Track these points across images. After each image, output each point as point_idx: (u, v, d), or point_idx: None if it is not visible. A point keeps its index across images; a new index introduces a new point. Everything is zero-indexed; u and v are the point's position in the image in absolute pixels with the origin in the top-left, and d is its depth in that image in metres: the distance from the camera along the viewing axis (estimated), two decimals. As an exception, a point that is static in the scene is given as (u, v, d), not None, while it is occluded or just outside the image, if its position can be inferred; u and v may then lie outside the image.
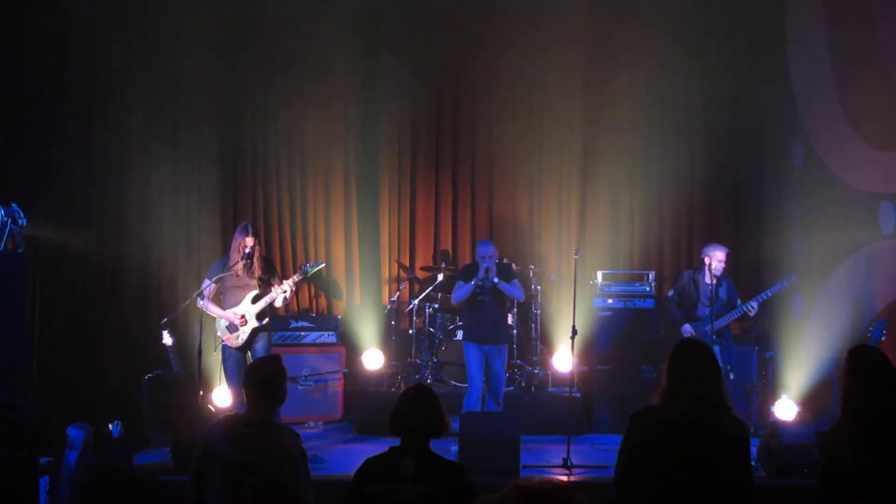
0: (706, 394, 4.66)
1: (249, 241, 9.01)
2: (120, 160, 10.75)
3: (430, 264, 11.87)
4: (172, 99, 11.12)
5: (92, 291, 10.66)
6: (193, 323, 9.54)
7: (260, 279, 9.10)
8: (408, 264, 11.84)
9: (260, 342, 9.11)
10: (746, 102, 11.50)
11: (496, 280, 9.18)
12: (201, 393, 9.04)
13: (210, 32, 10.93)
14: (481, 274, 9.18)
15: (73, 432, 7.56)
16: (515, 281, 9.44)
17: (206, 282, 9.05)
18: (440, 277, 11.11)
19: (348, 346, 11.10)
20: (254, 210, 11.48)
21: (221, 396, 9.45)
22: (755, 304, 9.44)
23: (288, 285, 9.05)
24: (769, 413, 9.67)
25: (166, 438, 8.82)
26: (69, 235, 10.39)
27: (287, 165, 11.68)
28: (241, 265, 9.00)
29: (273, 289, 9.06)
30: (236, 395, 8.85)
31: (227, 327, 9.03)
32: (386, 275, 11.99)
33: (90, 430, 7.65)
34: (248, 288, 9.07)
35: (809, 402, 9.44)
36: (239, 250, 9.00)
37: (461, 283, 9.42)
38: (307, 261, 11.29)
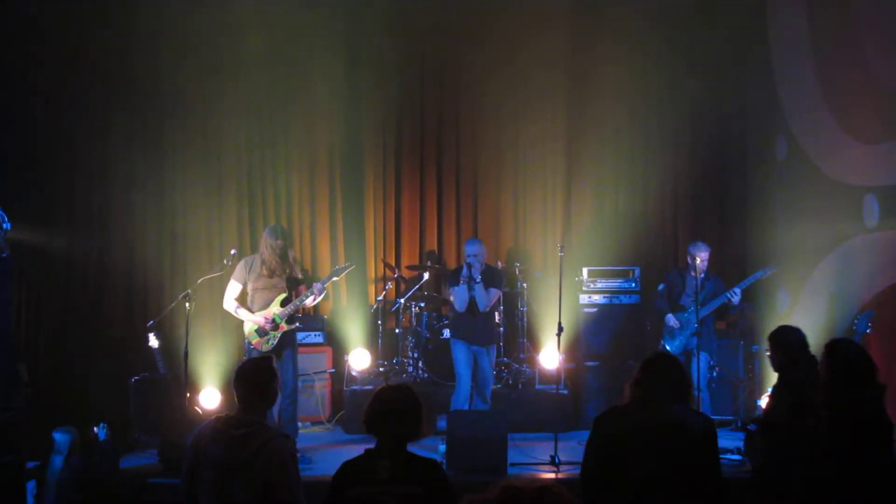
0: (674, 399, 4.74)
1: (280, 243, 8.95)
2: (103, 163, 10.72)
3: (416, 263, 11.86)
4: (155, 101, 11.02)
5: (77, 294, 10.64)
6: (180, 325, 9.49)
7: (289, 280, 9.01)
8: (393, 263, 11.82)
9: (289, 347, 8.98)
10: (730, 96, 11.52)
11: (478, 280, 9.17)
12: (188, 395, 9.00)
13: (192, 33, 10.83)
14: (465, 273, 9.18)
15: (59, 436, 7.56)
16: (493, 290, 9.41)
17: (234, 283, 9.04)
18: (426, 276, 11.12)
19: (335, 346, 11.11)
20: (238, 211, 11.40)
21: (208, 398, 9.44)
22: (738, 290, 9.46)
23: (318, 288, 8.94)
24: (755, 407, 9.71)
25: (153, 441, 8.80)
26: (54, 239, 10.36)
27: (272, 165, 11.62)
28: (268, 267, 8.93)
29: (303, 291, 8.99)
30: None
31: (256, 331, 8.87)
32: (372, 274, 11.98)
33: (76, 434, 7.65)
34: (276, 290, 8.94)
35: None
36: (268, 252, 8.93)
37: (455, 288, 9.39)
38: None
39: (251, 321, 8.89)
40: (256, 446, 4.77)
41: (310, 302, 9.03)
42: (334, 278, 9.30)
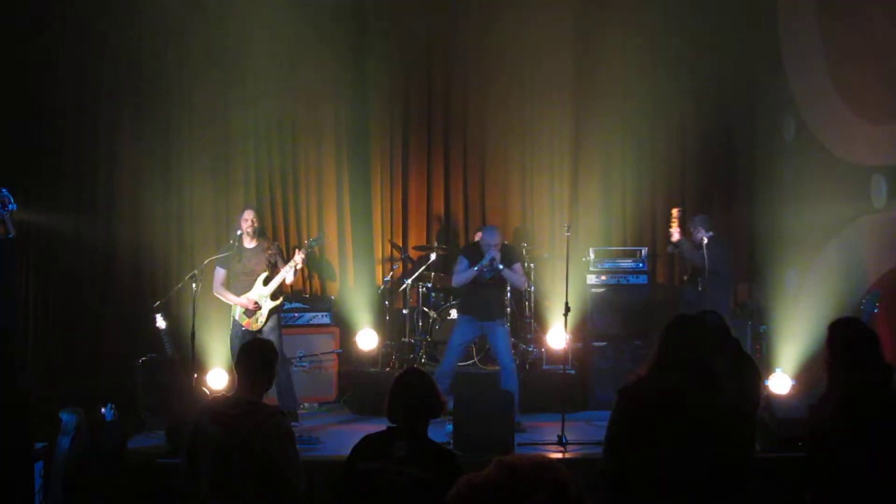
0: (696, 365, 4.56)
1: (248, 214, 9.17)
2: (111, 143, 10.75)
3: (423, 244, 11.86)
4: (163, 88, 11.05)
5: (85, 275, 10.68)
6: (187, 305, 9.49)
7: (267, 259, 9.17)
8: (401, 244, 11.82)
9: (270, 322, 9.17)
10: (738, 77, 11.50)
11: (501, 267, 9.10)
12: (195, 376, 9.03)
13: (199, 18, 10.83)
14: (486, 262, 9.07)
15: (66, 417, 7.55)
16: (517, 265, 9.34)
17: (219, 269, 9.23)
18: (433, 257, 11.12)
19: (342, 326, 11.09)
20: (245, 193, 11.39)
21: (215, 379, 9.46)
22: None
23: (296, 261, 9.12)
24: (763, 387, 9.69)
25: (160, 421, 8.82)
26: (61, 219, 10.38)
27: (278, 148, 11.63)
28: (242, 242, 9.14)
29: (281, 268, 9.11)
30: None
31: (244, 313, 9.09)
32: (379, 255, 11.98)
33: (83, 415, 7.65)
34: (255, 273, 9.12)
35: (803, 375, 9.44)
36: (239, 229, 9.13)
37: (465, 264, 9.28)
38: (300, 241, 11.32)
39: (238, 304, 9.08)
40: (253, 425, 4.78)
41: (290, 277, 9.17)
42: (308, 251, 9.39)
